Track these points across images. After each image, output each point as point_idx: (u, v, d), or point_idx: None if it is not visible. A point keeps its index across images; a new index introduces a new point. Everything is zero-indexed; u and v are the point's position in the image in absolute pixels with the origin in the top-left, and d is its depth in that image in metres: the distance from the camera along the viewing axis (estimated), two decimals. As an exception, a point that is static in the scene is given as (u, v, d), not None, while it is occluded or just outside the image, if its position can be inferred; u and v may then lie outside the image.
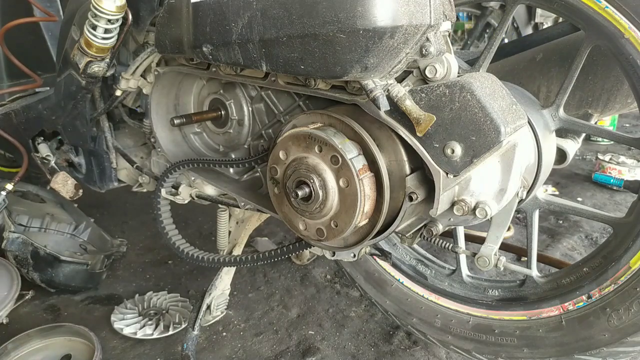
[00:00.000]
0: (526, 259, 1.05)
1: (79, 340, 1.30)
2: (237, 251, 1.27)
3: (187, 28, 0.81)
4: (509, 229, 1.67)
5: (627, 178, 2.28)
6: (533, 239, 1.03)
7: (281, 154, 0.79)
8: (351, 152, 0.73)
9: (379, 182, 0.75)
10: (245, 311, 1.50)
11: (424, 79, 0.72)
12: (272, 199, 0.85)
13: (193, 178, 1.06)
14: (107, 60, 1.02)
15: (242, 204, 0.97)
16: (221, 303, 1.30)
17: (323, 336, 1.37)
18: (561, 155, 1.02)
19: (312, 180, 0.75)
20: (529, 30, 2.49)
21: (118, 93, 1.08)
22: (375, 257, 1.17)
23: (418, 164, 0.75)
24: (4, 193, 1.42)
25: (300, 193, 0.76)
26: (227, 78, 0.90)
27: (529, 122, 0.89)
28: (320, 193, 0.76)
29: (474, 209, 0.73)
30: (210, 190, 1.07)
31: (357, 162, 0.73)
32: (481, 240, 0.93)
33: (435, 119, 0.67)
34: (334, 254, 0.88)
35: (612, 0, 0.81)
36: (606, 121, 2.62)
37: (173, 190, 1.09)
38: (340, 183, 0.75)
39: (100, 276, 1.62)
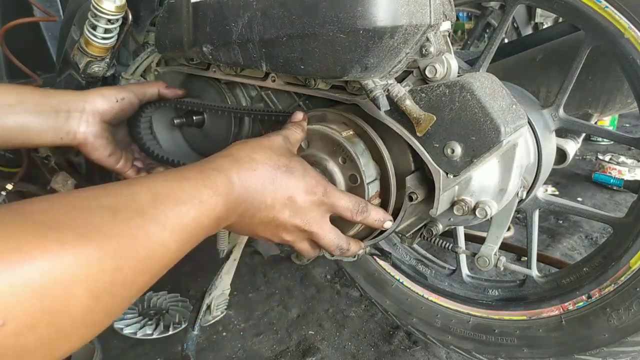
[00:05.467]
0: (526, 259, 1.05)
1: (79, 340, 1.30)
2: (237, 251, 1.27)
3: (187, 28, 0.81)
4: (509, 229, 1.67)
5: (627, 178, 2.28)
6: (533, 239, 1.03)
7: (303, 143, 0.77)
8: (371, 176, 0.73)
9: (385, 202, 0.76)
10: (245, 311, 1.50)
11: (424, 79, 0.72)
12: None
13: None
14: (107, 60, 1.02)
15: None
16: (221, 303, 1.30)
17: (323, 336, 1.37)
18: (561, 155, 1.02)
19: None
20: (529, 30, 2.49)
21: (118, 93, 1.08)
22: (375, 257, 1.17)
23: (418, 164, 0.75)
24: (4, 193, 1.42)
25: None
26: (227, 78, 0.91)
27: (529, 122, 0.89)
28: None
29: (474, 209, 0.73)
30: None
31: (373, 187, 0.74)
32: (481, 240, 0.93)
33: (435, 118, 0.67)
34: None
35: (612, 0, 0.81)
36: (606, 121, 2.62)
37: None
38: None
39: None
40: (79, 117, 0.87)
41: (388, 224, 0.74)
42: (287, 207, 0.64)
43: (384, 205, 0.77)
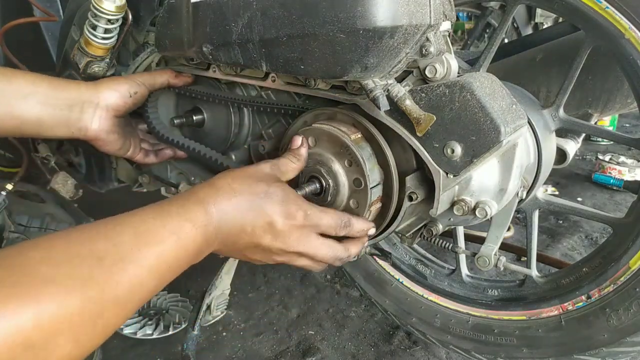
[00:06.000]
0: (526, 259, 1.05)
1: (79, 340, 1.30)
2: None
3: (187, 28, 0.81)
4: (509, 229, 1.67)
5: (627, 178, 2.28)
6: (533, 239, 1.03)
7: (310, 140, 0.77)
8: (375, 181, 0.73)
9: (386, 206, 0.76)
10: (245, 311, 1.50)
11: (424, 79, 0.72)
12: None
13: (192, 178, 1.06)
14: (107, 60, 1.02)
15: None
16: (221, 303, 1.30)
17: (323, 336, 1.37)
18: (561, 155, 1.02)
19: (327, 185, 0.75)
20: (529, 30, 2.49)
21: (118, 93, 1.08)
22: (375, 257, 1.17)
23: (418, 164, 0.75)
24: (4, 193, 1.42)
25: (309, 188, 0.75)
26: (227, 78, 0.91)
27: (529, 122, 0.89)
28: (329, 198, 0.76)
29: (474, 208, 0.73)
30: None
31: (375, 192, 0.74)
32: (481, 240, 0.93)
33: (435, 118, 0.67)
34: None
35: (613, 0, 0.81)
36: (606, 121, 2.62)
37: (173, 189, 1.09)
38: (351, 203, 0.75)
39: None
40: (92, 113, 0.87)
41: (372, 231, 0.75)
42: (268, 232, 0.65)
43: (385, 208, 0.77)
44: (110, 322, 0.48)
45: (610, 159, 2.38)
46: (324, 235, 0.70)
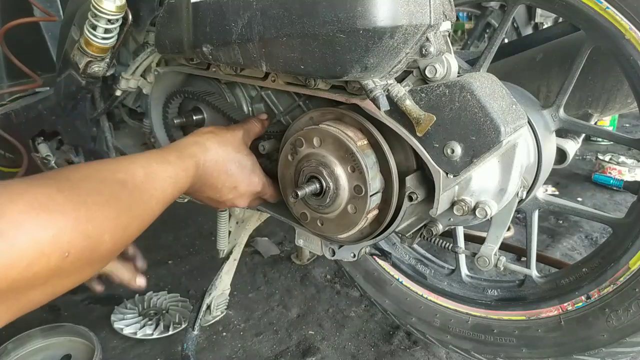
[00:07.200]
0: (526, 259, 1.05)
1: (79, 340, 1.30)
2: (237, 251, 1.27)
3: (187, 28, 0.81)
4: (509, 229, 1.67)
5: (627, 178, 2.28)
6: (533, 239, 1.03)
7: (315, 140, 0.77)
8: (375, 189, 0.74)
9: (383, 213, 0.76)
10: (245, 311, 1.50)
11: (424, 79, 0.72)
12: (281, 158, 0.84)
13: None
14: (107, 60, 1.02)
15: (242, 203, 0.97)
16: (221, 303, 1.30)
17: (323, 336, 1.37)
18: (561, 155, 1.02)
19: (328, 187, 0.76)
20: (529, 30, 2.49)
21: (118, 93, 1.08)
22: (375, 257, 1.17)
23: (418, 164, 0.75)
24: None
25: (309, 188, 0.76)
26: (227, 78, 0.91)
27: (529, 122, 0.89)
28: (327, 200, 0.76)
29: (474, 209, 0.73)
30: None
31: (374, 200, 0.74)
32: (481, 240, 0.93)
33: (435, 118, 0.67)
34: (333, 253, 0.88)
35: (613, 1, 0.81)
36: (606, 121, 2.62)
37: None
38: (349, 208, 0.75)
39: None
40: None
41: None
42: (231, 192, 0.84)
43: (382, 215, 0.77)
44: (132, 233, 0.64)
45: (610, 159, 2.38)
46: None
